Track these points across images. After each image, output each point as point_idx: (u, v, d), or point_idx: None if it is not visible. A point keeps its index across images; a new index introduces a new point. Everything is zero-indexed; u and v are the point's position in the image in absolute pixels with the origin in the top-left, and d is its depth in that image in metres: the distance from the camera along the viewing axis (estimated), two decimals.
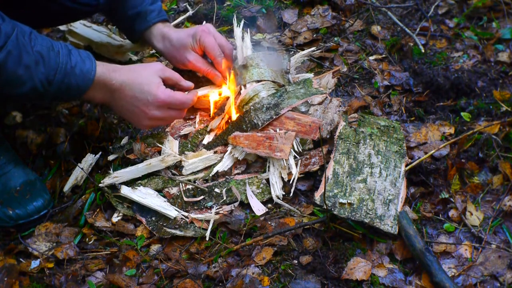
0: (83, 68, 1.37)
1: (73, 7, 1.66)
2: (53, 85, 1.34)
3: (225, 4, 2.31)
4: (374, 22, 2.16)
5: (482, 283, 1.35)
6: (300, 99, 1.64)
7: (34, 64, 1.30)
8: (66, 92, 1.37)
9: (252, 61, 1.71)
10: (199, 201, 1.57)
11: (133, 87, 1.45)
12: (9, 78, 1.28)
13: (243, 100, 1.67)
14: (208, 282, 1.39)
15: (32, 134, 1.78)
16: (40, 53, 1.31)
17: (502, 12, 2.12)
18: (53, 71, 1.33)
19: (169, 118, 1.54)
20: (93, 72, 1.39)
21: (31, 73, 1.30)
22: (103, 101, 1.47)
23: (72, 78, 1.36)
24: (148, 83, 1.46)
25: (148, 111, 1.47)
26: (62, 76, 1.34)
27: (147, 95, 1.45)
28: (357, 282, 1.35)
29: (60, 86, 1.35)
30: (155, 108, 1.47)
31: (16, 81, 1.29)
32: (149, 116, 1.48)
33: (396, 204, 1.46)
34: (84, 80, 1.38)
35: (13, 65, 1.27)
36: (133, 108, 1.47)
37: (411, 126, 1.76)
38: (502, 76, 1.89)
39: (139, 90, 1.45)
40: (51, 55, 1.33)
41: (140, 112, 1.48)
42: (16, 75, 1.28)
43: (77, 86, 1.38)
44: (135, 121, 1.52)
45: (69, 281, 1.42)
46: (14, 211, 1.53)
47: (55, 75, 1.33)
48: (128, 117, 1.52)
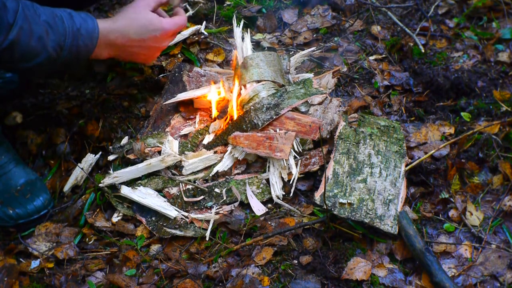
0: (87, 27, 1.42)
1: None
2: (64, 50, 1.38)
3: (225, 4, 2.31)
4: (374, 22, 2.16)
5: (482, 283, 1.35)
6: (300, 99, 1.64)
7: (45, 34, 1.33)
8: (76, 54, 1.41)
9: (252, 61, 1.71)
10: (199, 201, 1.57)
11: (137, 30, 1.51)
12: (24, 51, 1.31)
13: (243, 100, 1.67)
14: (208, 282, 1.39)
15: (32, 134, 1.78)
16: (47, 22, 1.34)
17: (502, 12, 2.12)
18: (63, 37, 1.36)
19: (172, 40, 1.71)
20: (96, 29, 1.43)
21: (44, 43, 1.33)
22: (110, 54, 1.53)
23: (80, 39, 1.40)
24: (149, 21, 1.53)
25: (160, 45, 1.59)
26: (71, 39, 1.38)
27: (155, 32, 1.53)
28: (357, 282, 1.35)
29: (70, 49, 1.39)
30: (165, 40, 1.60)
31: (31, 53, 1.33)
32: (161, 48, 1.62)
33: (396, 204, 1.46)
34: (90, 39, 1.43)
35: (26, 39, 1.30)
36: (144, 49, 1.55)
37: (411, 126, 1.75)
38: (502, 76, 1.89)
39: (145, 31, 1.52)
40: (57, 22, 1.36)
41: (152, 49, 1.58)
42: (30, 47, 1.31)
43: (85, 46, 1.42)
44: (148, 58, 1.63)
45: (69, 281, 1.42)
46: (14, 211, 1.53)
47: (65, 40, 1.37)
48: (140, 58, 1.61)
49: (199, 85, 1.84)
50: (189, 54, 2.06)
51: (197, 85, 1.84)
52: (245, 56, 1.75)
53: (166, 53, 2.08)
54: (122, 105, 1.87)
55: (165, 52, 2.07)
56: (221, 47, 2.10)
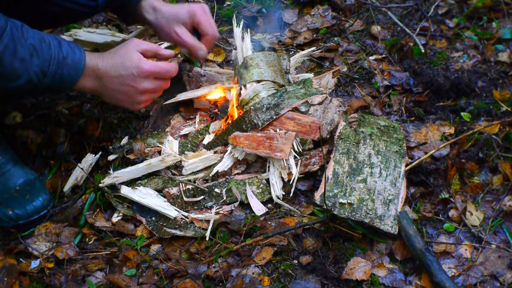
0: (74, 58, 1.41)
1: (73, 9, 1.68)
2: (47, 76, 1.37)
3: (225, 4, 2.31)
4: (374, 22, 2.16)
5: (482, 283, 1.35)
6: (300, 99, 1.64)
7: (29, 57, 1.32)
8: (60, 82, 1.40)
9: (252, 61, 1.71)
10: (199, 201, 1.57)
11: (116, 67, 1.48)
12: (6, 71, 1.30)
13: (243, 100, 1.67)
14: (208, 282, 1.39)
15: (32, 134, 1.78)
16: (33, 45, 1.33)
17: (502, 12, 2.12)
18: (47, 63, 1.36)
19: (158, 88, 1.56)
20: (83, 61, 1.43)
21: (26, 66, 1.32)
22: (93, 89, 1.50)
23: (64, 68, 1.39)
24: (129, 59, 1.49)
25: (137, 85, 1.50)
26: (56, 67, 1.37)
27: (132, 70, 1.48)
28: (357, 282, 1.35)
29: (54, 76, 1.38)
30: (143, 80, 1.50)
31: (13, 74, 1.32)
32: (139, 89, 1.51)
33: (396, 204, 1.46)
34: (75, 69, 1.42)
35: (10, 58, 1.29)
36: (123, 87, 1.50)
37: (411, 126, 1.76)
38: (502, 76, 1.89)
39: (123, 68, 1.48)
40: (44, 47, 1.36)
41: (130, 89, 1.50)
42: (12, 68, 1.30)
43: (69, 76, 1.41)
44: (129, 102, 1.54)
45: (69, 281, 1.42)
46: (13, 212, 1.53)
47: (49, 66, 1.36)
48: (121, 100, 1.54)
49: (199, 85, 1.84)
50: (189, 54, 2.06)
51: (197, 85, 1.84)
52: (245, 56, 1.75)
53: None
54: None
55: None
56: (221, 47, 2.10)
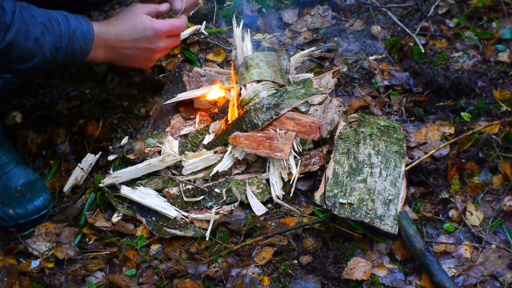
0: (82, 30, 1.42)
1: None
2: (60, 52, 1.38)
3: (225, 4, 2.31)
4: (374, 22, 2.16)
5: (482, 283, 1.35)
6: (300, 99, 1.64)
7: (42, 35, 1.33)
8: (72, 56, 1.41)
9: (252, 61, 1.71)
10: (199, 201, 1.57)
11: (129, 32, 1.50)
12: (21, 53, 1.32)
13: (243, 100, 1.67)
14: (208, 282, 1.39)
15: (32, 134, 1.78)
16: (43, 23, 1.35)
17: (502, 12, 2.12)
18: (59, 39, 1.37)
19: (170, 45, 1.61)
20: (91, 32, 1.44)
21: (40, 44, 1.34)
22: (105, 57, 1.52)
23: (75, 41, 1.41)
24: (140, 22, 1.52)
25: (152, 46, 1.54)
26: (67, 42, 1.39)
27: (146, 32, 1.51)
28: (357, 282, 1.35)
29: (66, 51, 1.39)
30: (157, 40, 1.54)
31: (28, 54, 1.33)
32: (155, 49, 1.55)
33: (396, 204, 1.46)
34: (85, 41, 1.43)
35: (24, 40, 1.30)
36: (138, 51, 1.53)
37: (411, 126, 1.75)
38: (502, 76, 1.89)
39: (136, 32, 1.51)
40: (54, 24, 1.37)
41: (145, 51, 1.54)
42: (27, 49, 1.32)
43: (80, 48, 1.42)
44: (144, 62, 1.59)
45: (69, 281, 1.42)
46: (14, 211, 1.53)
47: (61, 42, 1.37)
48: (136, 62, 1.57)
49: (199, 85, 1.84)
50: (189, 54, 2.06)
51: (197, 85, 1.84)
52: (245, 56, 1.75)
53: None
54: (122, 105, 1.87)
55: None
56: (221, 47, 2.10)
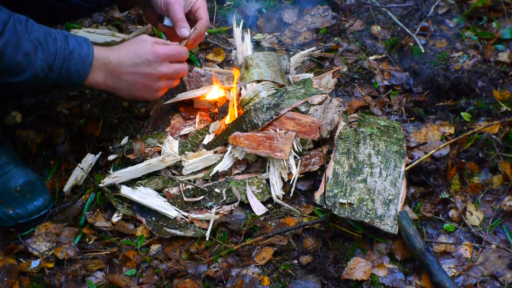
0: (81, 52, 1.38)
1: (77, 4, 1.67)
2: (53, 71, 1.35)
3: (225, 4, 2.31)
4: (374, 22, 2.16)
5: (482, 283, 1.35)
6: (300, 99, 1.64)
7: (33, 51, 1.31)
8: (67, 77, 1.38)
9: (252, 61, 1.71)
10: (199, 201, 1.57)
11: (130, 57, 1.46)
12: (9, 65, 1.29)
13: (243, 100, 1.67)
14: (208, 282, 1.39)
15: (32, 134, 1.78)
16: (38, 39, 1.32)
17: (502, 12, 2.12)
18: (52, 57, 1.34)
19: (175, 73, 1.52)
20: (90, 56, 1.40)
21: (30, 60, 1.31)
22: (106, 84, 1.46)
23: (71, 63, 1.37)
24: (142, 46, 1.47)
25: (154, 71, 1.47)
26: (62, 61, 1.35)
27: (147, 56, 1.46)
28: (357, 282, 1.35)
29: (60, 71, 1.36)
30: (159, 64, 1.47)
31: (16, 68, 1.30)
32: (156, 75, 1.47)
33: (396, 204, 1.46)
34: (83, 64, 1.39)
35: (12, 53, 1.28)
36: (139, 77, 1.47)
37: (411, 126, 1.76)
38: (502, 76, 1.89)
39: (136, 56, 1.46)
40: (49, 41, 1.34)
41: (146, 77, 1.47)
42: (15, 62, 1.29)
43: (77, 70, 1.39)
44: (146, 91, 1.51)
45: (69, 281, 1.42)
46: (14, 211, 1.53)
47: (54, 60, 1.34)
48: (138, 90, 1.50)
49: (199, 85, 1.84)
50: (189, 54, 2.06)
51: (197, 85, 1.84)
52: (245, 56, 1.75)
53: None
54: (122, 105, 1.87)
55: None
56: (221, 47, 2.10)
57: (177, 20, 1.60)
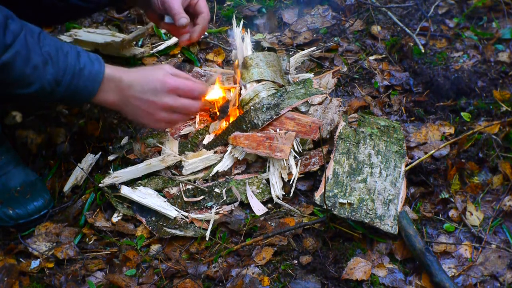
0: (91, 70, 1.37)
1: (77, 4, 1.66)
2: (61, 86, 1.33)
3: (225, 4, 2.31)
4: (374, 22, 2.16)
5: (482, 283, 1.35)
6: (300, 99, 1.64)
7: (43, 64, 1.29)
8: (75, 94, 1.36)
9: (252, 61, 1.71)
10: (199, 201, 1.57)
11: (141, 81, 1.43)
12: (17, 77, 1.28)
13: (243, 100, 1.67)
14: (208, 282, 1.39)
15: (32, 134, 1.78)
16: (48, 53, 1.31)
17: (502, 12, 2.12)
18: (61, 72, 1.32)
19: (181, 107, 1.46)
20: (101, 74, 1.38)
21: (39, 73, 1.29)
22: (114, 104, 1.44)
23: (80, 79, 1.35)
24: (154, 74, 1.44)
25: (157, 100, 1.43)
26: (71, 77, 1.33)
27: (155, 83, 1.42)
28: (357, 282, 1.35)
29: (68, 87, 1.34)
30: (165, 95, 1.43)
31: (24, 80, 1.29)
32: (159, 105, 1.43)
33: (396, 204, 1.46)
34: (92, 82, 1.37)
35: (21, 65, 1.27)
36: (143, 102, 1.43)
37: (411, 126, 1.76)
38: (502, 76, 1.89)
39: (146, 82, 1.43)
40: (60, 56, 1.33)
41: (150, 105, 1.44)
42: (24, 74, 1.28)
43: (86, 88, 1.37)
44: (149, 118, 1.47)
45: (69, 281, 1.42)
46: (14, 211, 1.53)
47: (63, 76, 1.32)
48: (141, 116, 1.47)
49: None
50: (189, 54, 2.06)
51: None
52: (245, 56, 1.75)
53: (166, 53, 2.08)
54: None
55: (165, 52, 2.08)
56: (221, 47, 2.10)
57: (174, 14, 1.58)
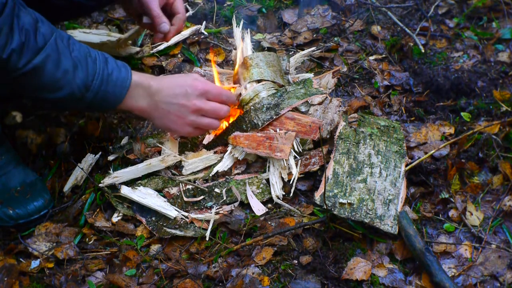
0: (119, 76, 1.37)
1: (78, 2, 1.66)
2: (90, 91, 1.33)
3: (225, 4, 2.31)
4: (374, 22, 2.16)
5: (482, 283, 1.35)
6: (300, 99, 1.64)
7: (73, 69, 1.30)
8: (103, 99, 1.36)
9: (252, 61, 1.71)
10: (199, 201, 1.57)
11: (170, 85, 1.44)
12: (47, 81, 1.28)
13: (243, 100, 1.67)
14: (208, 282, 1.39)
15: (32, 134, 1.78)
16: (78, 58, 1.31)
17: (502, 12, 2.12)
18: (91, 77, 1.32)
19: (211, 110, 1.47)
20: (128, 80, 1.38)
21: (69, 78, 1.30)
22: (143, 109, 1.44)
23: (109, 85, 1.35)
24: (184, 78, 1.46)
25: (188, 103, 1.43)
26: (100, 82, 1.34)
27: (185, 87, 1.43)
28: (357, 282, 1.35)
29: (97, 92, 1.34)
30: (195, 97, 1.43)
31: (55, 85, 1.29)
32: (190, 108, 1.43)
33: (396, 204, 1.46)
34: (120, 87, 1.37)
35: (52, 68, 1.27)
36: (173, 106, 1.43)
37: (411, 126, 1.76)
38: (502, 76, 1.89)
39: (176, 86, 1.43)
40: (89, 61, 1.33)
41: (180, 108, 1.43)
42: (54, 79, 1.28)
43: (114, 93, 1.37)
44: (178, 123, 1.46)
45: (69, 281, 1.42)
46: (14, 211, 1.53)
47: (92, 81, 1.33)
48: (171, 120, 1.46)
49: None
50: (189, 54, 2.06)
51: None
52: (245, 56, 1.75)
53: (166, 53, 2.08)
54: None
55: (165, 52, 2.08)
56: (221, 47, 2.10)
57: (154, 17, 1.60)
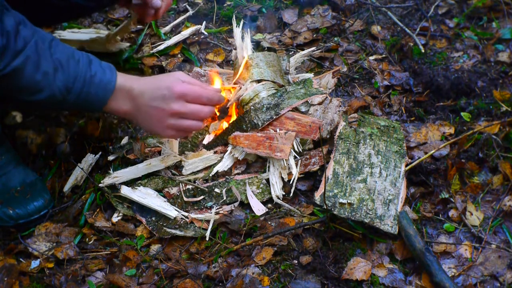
0: (103, 77, 1.35)
1: (77, 3, 1.66)
2: (71, 94, 1.32)
3: (225, 4, 2.31)
4: (374, 22, 2.16)
5: (482, 283, 1.35)
6: (300, 99, 1.64)
7: (53, 71, 1.29)
8: (86, 101, 1.35)
9: (252, 61, 1.71)
10: (199, 201, 1.57)
11: (150, 88, 1.40)
12: (27, 83, 1.27)
13: (243, 100, 1.67)
14: (208, 282, 1.39)
15: (32, 134, 1.78)
16: (59, 60, 1.30)
17: (502, 12, 2.12)
18: (72, 79, 1.31)
19: (190, 113, 1.41)
20: (113, 82, 1.36)
21: (49, 80, 1.28)
22: (127, 112, 1.42)
23: (91, 87, 1.34)
24: (164, 80, 1.42)
25: (166, 106, 1.38)
26: (81, 85, 1.32)
27: (163, 90, 1.39)
28: (357, 282, 1.35)
29: (79, 95, 1.33)
30: (173, 101, 1.38)
31: (34, 87, 1.28)
32: (168, 111, 1.39)
33: (396, 204, 1.46)
34: (104, 90, 1.36)
35: (32, 71, 1.26)
36: (152, 110, 1.40)
37: (411, 126, 1.76)
38: (502, 76, 1.89)
39: (156, 89, 1.39)
40: (71, 63, 1.32)
41: (159, 112, 1.40)
42: (34, 81, 1.27)
43: (97, 95, 1.35)
44: (158, 126, 1.43)
45: (69, 281, 1.42)
46: (14, 211, 1.53)
47: (74, 83, 1.31)
48: (152, 124, 1.43)
49: None
50: (189, 54, 2.06)
51: None
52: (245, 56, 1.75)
53: (166, 53, 2.08)
54: None
55: (165, 52, 2.08)
56: (221, 47, 2.10)
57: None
